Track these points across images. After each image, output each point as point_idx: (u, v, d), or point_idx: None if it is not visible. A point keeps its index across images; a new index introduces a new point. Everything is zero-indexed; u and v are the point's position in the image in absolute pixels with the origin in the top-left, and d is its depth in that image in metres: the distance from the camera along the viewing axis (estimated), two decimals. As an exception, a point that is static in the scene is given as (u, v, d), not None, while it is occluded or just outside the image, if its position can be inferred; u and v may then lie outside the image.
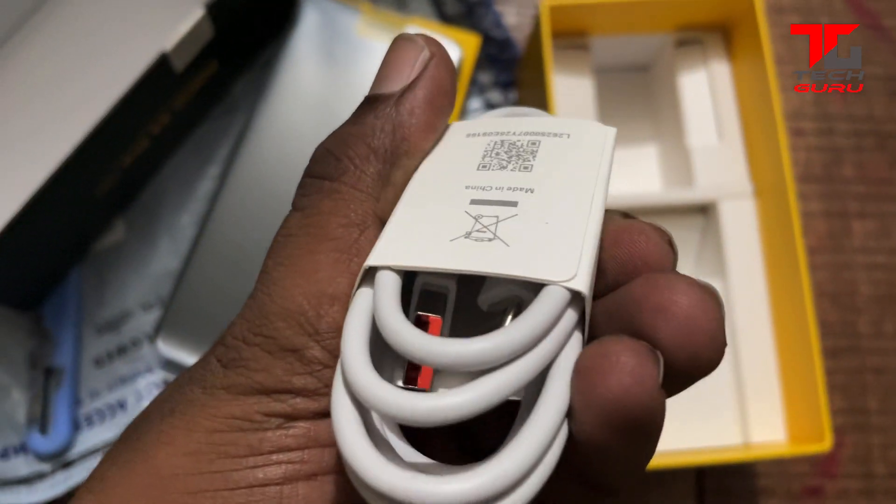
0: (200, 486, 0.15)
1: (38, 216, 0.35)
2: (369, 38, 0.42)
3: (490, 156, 0.18)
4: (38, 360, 0.41)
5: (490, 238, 0.15)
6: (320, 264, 0.16)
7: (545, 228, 0.16)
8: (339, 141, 0.18)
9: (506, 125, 0.18)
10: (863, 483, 0.42)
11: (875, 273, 0.44)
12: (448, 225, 0.16)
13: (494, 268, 0.15)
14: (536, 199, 0.16)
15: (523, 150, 0.17)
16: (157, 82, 0.36)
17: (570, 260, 0.15)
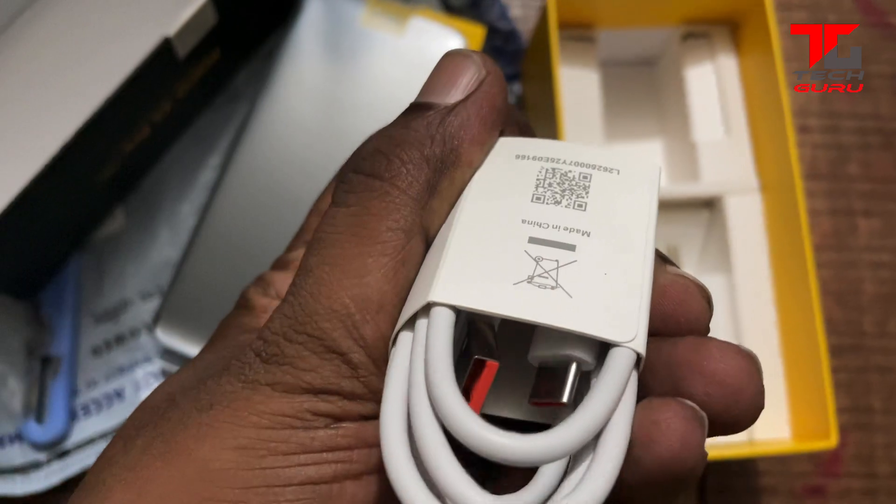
0: (250, 482, 0.15)
1: (36, 202, 0.34)
2: (373, 28, 0.42)
3: (543, 186, 0.18)
4: (35, 348, 0.40)
5: (553, 286, 0.16)
6: (368, 268, 0.16)
7: (605, 280, 0.16)
8: (391, 142, 0.18)
9: (555, 150, 0.18)
10: (866, 482, 0.42)
11: (880, 272, 0.44)
12: (509, 265, 0.16)
13: (561, 321, 0.15)
14: (594, 244, 0.17)
15: (576, 185, 0.18)
16: (160, 68, 0.35)
17: (631, 318, 0.15)
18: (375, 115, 0.41)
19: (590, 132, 0.39)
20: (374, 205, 0.17)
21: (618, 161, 0.18)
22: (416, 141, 0.17)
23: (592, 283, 0.16)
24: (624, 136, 0.43)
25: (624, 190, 0.17)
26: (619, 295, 0.16)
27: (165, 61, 0.36)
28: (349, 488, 0.16)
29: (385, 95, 0.41)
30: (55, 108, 0.34)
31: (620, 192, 0.17)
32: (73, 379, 0.40)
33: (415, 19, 0.42)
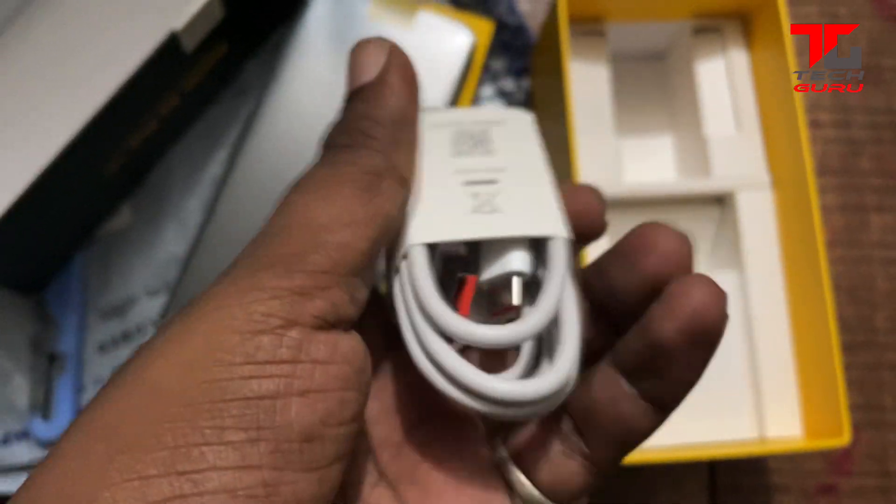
0: (196, 399, 0.15)
1: (43, 197, 0.34)
2: (381, 22, 0.42)
3: (459, 144, 0.22)
4: (41, 345, 0.40)
5: (491, 210, 0.20)
6: (341, 195, 0.18)
7: (526, 196, 0.20)
8: (343, 123, 0.21)
9: (455, 116, 0.23)
10: (879, 481, 0.41)
11: (892, 268, 0.44)
12: (458, 204, 0.20)
13: (508, 231, 0.20)
14: (509, 174, 0.21)
15: (480, 138, 0.22)
16: (167, 62, 0.35)
17: (555, 216, 0.20)
18: (383, 110, 0.41)
19: (600, 127, 0.39)
20: (344, 156, 0.19)
21: (501, 115, 0.23)
22: (362, 113, 0.20)
23: (518, 200, 0.20)
24: (634, 130, 0.42)
25: (514, 134, 0.23)
26: (541, 203, 0.20)
27: (172, 55, 0.35)
28: (294, 405, 0.16)
29: (393, 90, 0.41)
30: (62, 103, 0.34)
31: (512, 135, 0.23)
32: (79, 376, 0.40)
33: (423, 13, 0.42)
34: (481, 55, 0.42)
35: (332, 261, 0.17)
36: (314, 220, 0.18)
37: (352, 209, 0.18)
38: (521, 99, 0.44)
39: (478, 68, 0.42)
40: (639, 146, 0.42)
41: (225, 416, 0.15)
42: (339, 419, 0.16)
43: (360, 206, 0.18)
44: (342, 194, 0.18)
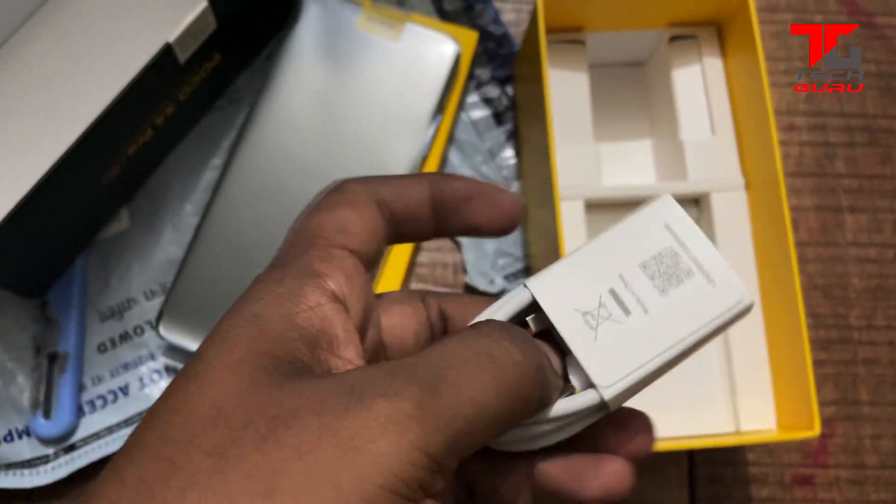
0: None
1: (43, 204, 0.35)
2: (370, 32, 0.43)
3: (655, 261, 0.21)
4: (42, 345, 0.42)
5: (593, 327, 0.21)
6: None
7: (626, 347, 0.21)
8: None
9: (690, 237, 0.22)
10: (853, 473, 0.43)
11: (866, 266, 0.45)
12: (584, 296, 0.21)
13: (576, 350, 0.21)
14: (645, 320, 0.21)
15: (676, 272, 0.21)
16: (162, 73, 0.37)
17: (618, 377, 0.20)
18: (371, 117, 0.42)
19: (580, 132, 0.41)
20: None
21: (722, 275, 0.21)
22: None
23: (617, 342, 0.21)
24: (614, 135, 0.44)
25: (705, 299, 0.21)
26: (625, 358, 0.20)
27: (167, 66, 0.37)
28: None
29: (381, 97, 0.42)
30: (61, 113, 0.35)
31: (699, 300, 0.21)
32: (79, 375, 0.41)
33: (410, 24, 0.43)
34: (466, 64, 0.44)
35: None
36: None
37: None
38: (504, 105, 0.45)
39: (463, 76, 0.44)
40: (618, 150, 0.44)
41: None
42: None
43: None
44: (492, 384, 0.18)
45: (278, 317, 0.18)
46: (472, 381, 0.17)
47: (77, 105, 0.35)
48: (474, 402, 0.17)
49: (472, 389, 0.17)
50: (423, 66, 0.43)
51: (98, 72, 0.36)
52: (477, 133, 0.45)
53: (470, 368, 0.17)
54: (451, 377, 0.17)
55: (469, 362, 0.17)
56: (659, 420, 0.38)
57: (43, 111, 0.36)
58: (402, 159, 0.42)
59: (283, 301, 0.18)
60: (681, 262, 0.21)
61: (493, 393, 0.17)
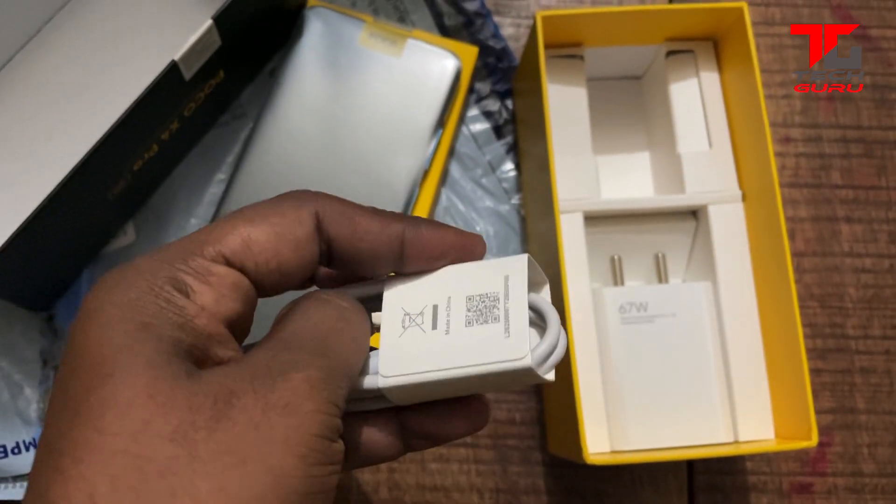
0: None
1: (51, 219, 0.36)
2: (372, 48, 0.44)
3: (479, 298, 0.23)
4: (49, 358, 0.42)
5: (405, 327, 0.24)
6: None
7: (416, 353, 0.23)
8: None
9: (514, 294, 0.23)
10: (851, 481, 0.43)
11: (862, 276, 0.45)
12: (414, 301, 0.24)
13: (382, 338, 0.24)
14: (442, 339, 0.23)
15: (485, 314, 0.23)
16: (168, 90, 0.37)
17: (397, 373, 0.23)
18: (373, 132, 0.43)
19: (579, 145, 0.41)
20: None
21: (518, 332, 0.23)
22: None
23: (413, 347, 0.23)
24: (612, 148, 0.44)
25: (492, 344, 0.23)
26: (410, 361, 0.23)
27: (173, 83, 0.37)
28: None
29: (382, 112, 0.43)
30: (69, 130, 0.36)
31: (490, 343, 0.23)
32: (86, 387, 0.42)
33: (411, 40, 0.44)
34: (466, 78, 0.45)
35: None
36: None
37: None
38: (505, 118, 0.46)
39: (463, 91, 0.45)
40: (617, 163, 0.44)
41: None
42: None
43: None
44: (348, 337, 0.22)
45: (166, 322, 0.19)
46: (344, 344, 0.22)
47: (85, 122, 0.36)
48: (348, 361, 0.21)
49: (346, 351, 0.21)
50: (424, 80, 0.43)
51: (105, 89, 0.37)
52: (477, 146, 0.46)
53: (341, 335, 0.22)
54: (333, 344, 0.21)
55: (339, 330, 0.22)
56: (658, 429, 0.39)
57: (51, 128, 0.37)
58: (403, 173, 0.43)
59: (163, 310, 0.19)
60: (496, 308, 0.23)
61: (354, 350, 0.22)
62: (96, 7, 0.38)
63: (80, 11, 0.39)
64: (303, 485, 0.18)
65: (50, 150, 0.36)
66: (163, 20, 0.38)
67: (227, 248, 0.21)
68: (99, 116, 0.36)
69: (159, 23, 0.38)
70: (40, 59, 0.38)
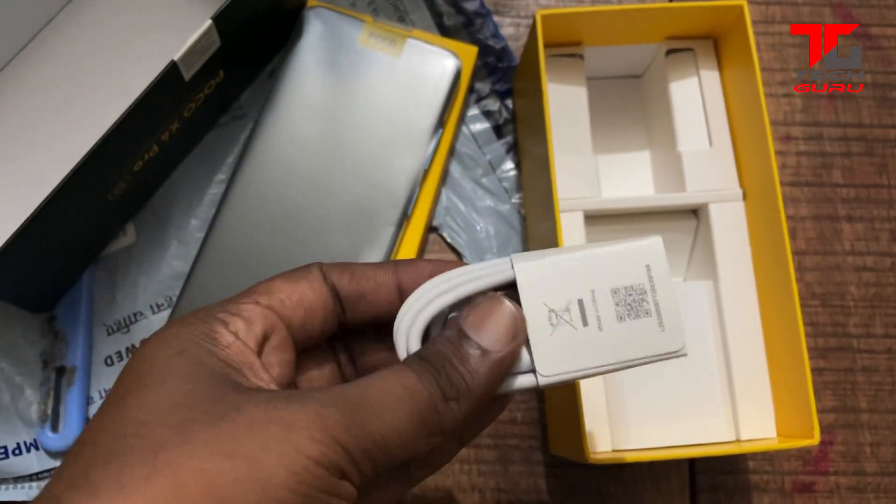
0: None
1: (51, 220, 0.36)
2: (371, 48, 0.44)
3: (625, 291, 0.24)
4: (50, 359, 0.42)
5: (553, 325, 0.24)
6: (406, 415, 0.23)
7: (572, 351, 0.24)
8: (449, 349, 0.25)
9: (660, 284, 0.24)
10: (854, 480, 0.43)
11: (864, 274, 0.45)
12: (555, 296, 0.24)
13: (532, 337, 0.24)
14: (596, 336, 0.24)
15: (636, 308, 0.24)
16: (167, 90, 0.37)
17: (556, 372, 0.24)
18: (373, 132, 0.43)
19: (579, 144, 0.41)
20: (426, 384, 0.23)
21: (673, 324, 0.24)
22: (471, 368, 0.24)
23: (566, 344, 0.24)
24: (613, 147, 0.44)
25: (649, 338, 0.24)
26: (566, 359, 0.24)
27: (172, 83, 0.37)
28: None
29: (382, 112, 0.43)
30: (69, 131, 0.36)
31: (646, 337, 0.24)
32: (87, 388, 0.42)
33: (411, 40, 0.44)
34: (466, 78, 0.45)
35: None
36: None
37: (402, 427, 0.22)
38: (504, 118, 0.46)
39: (463, 90, 0.44)
40: (617, 162, 0.44)
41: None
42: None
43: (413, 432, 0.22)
44: (406, 414, 0.22)
45: (202, 351, 0.22)
46: (391, 407, 0.22)
47: (85, 123, 0.36)
48: (391, 424, 0.22)
49: (390, 414, 0.22)
50: (424, 80, 0.43)
51: (105, 90, 0.37)
52: (477, 146, 0.46)
53: (393, 397, 0.22)
54: (374, 400, 0.22)
55: (394, 392, 0.22)
56: (660, 429, 0.39)
57: (51, 129, 0.37)
58: (404, 172, 0.42)
59: (199, 341, 0.23)
60: (644, 301, 0.24)
61: (406, 420, 0.22)
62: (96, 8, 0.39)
63: (80, 12, 0.39)
64: (290, 498, 0.19)
65: (50, 150, 0.36)
66: (162, 20, 0.38)
67: (258, 296, 0.25)
68: (99, 117, 0.36)
69: (159, 23, 0.38)
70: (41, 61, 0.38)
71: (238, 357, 0.23)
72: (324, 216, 0.42)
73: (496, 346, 0.23)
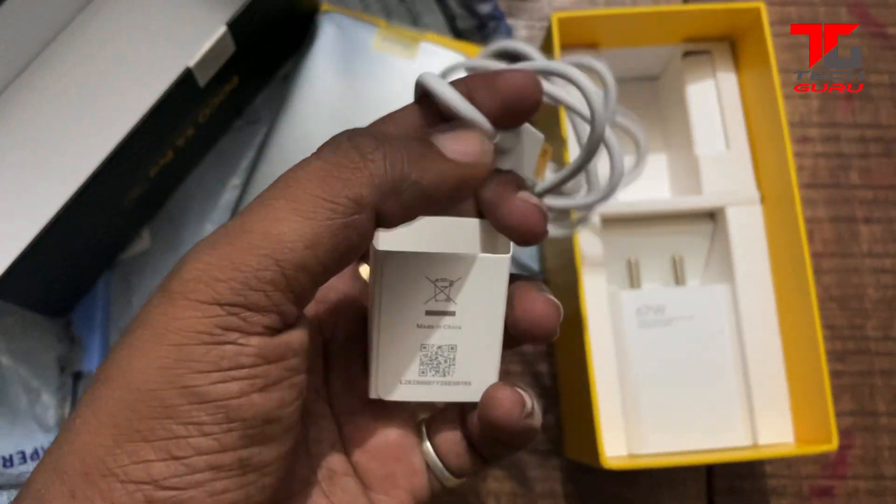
0: (174, 401, 0.18)
1: (68, 225, 0.36)
2: (384, 52, 0.44)
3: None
4: (67, 364, 0.42)
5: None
6: (316, 215, 0.19)
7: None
8: (387, 132, 0.22)
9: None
10: (872, 484, 0.43)
11: (882, 277, 0.45)
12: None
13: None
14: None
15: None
16: (182, 96, 0.37)
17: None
18: (388, 136, 0.43)
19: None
20: (344, 171, 0.19)
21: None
22: (404, 144, 0.20)
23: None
24: (628, 151, 0.44)
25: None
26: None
27: (187, 89, 0.37)
28: (255, 399, 0.19)
29: (397, 116, 0.43)
30: (87, 137, 0.36)
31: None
32: (103, 393, 0.42)
33: (424, 44, 0.44)
34: (481, 81, 0.44)
35: (286, 281, 0.19)
36: (278, 234, 0.19)
37: (319, 233, 0.19)
38: (520, 121, 0.46)
39: (478, 93, 0.44)
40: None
41: (202, 415, 0.18)
42: (291, 400, 0.20)
43: (328, 234, 0.19)
44: (317, 216, 0.19)
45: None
46: (282, 222, 0.19)
47: (101, 129, 0.36)
48: (277, 243, 0.19)
49: (280, 232, 0.19)
50: (438, 84, 0.43)
51: (121, 96, 0.37)
52: (492, 149, 0.46)
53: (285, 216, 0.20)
54: (263, 225, 0.19)
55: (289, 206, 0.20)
56: (676, 433, 0.39)
57: (68, 135, 0.37)
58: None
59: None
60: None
61: (300, 230, 0.19)
62: (111, 15, 0.39)
63: (94, 19, 0.39)
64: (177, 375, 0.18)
65: (67, 157, 0.36)
66: (177, 27, 0.38)
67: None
68: (115, 123, 0.36)
69: (174, 29, 0.38)
70: (56, 68, 0.38)
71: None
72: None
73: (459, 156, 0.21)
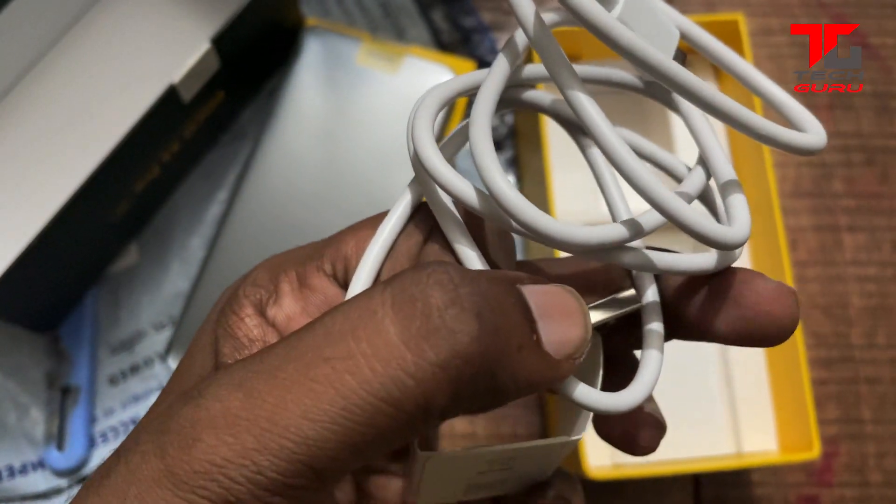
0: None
1: (55, 241, 0.36)
2: (369, 66, 0.44)
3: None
4: (55, 379, 0.42)
5: None
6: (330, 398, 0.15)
7: None
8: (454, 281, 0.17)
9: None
10: (858, 491, 0.43)
11: (866, 285, 0.45)
12: None
13: None
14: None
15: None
16: (167, 112, 0.38)
17: None
18: (372, 149, 0.43)
19: (576, 159, 0.41)
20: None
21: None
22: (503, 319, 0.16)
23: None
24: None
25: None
26: None
27: (172, 106, 0.38)
28: None
29: (381, 130, 0.43)
30: (71, 153, 0.36)
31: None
32: (91, 408, 0.42)
33: (408, 57, 0.44)
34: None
35: (318, 477, 0.15)
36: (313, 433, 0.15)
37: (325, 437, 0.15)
38: (503, 133, 0.46)
39: (461, 106, 0.45)
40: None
41: None
42: None
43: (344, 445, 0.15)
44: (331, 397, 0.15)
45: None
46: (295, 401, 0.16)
47: (86, 145, 0.36)
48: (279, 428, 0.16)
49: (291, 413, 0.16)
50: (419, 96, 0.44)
51: (105, 113, 0.37)
52: (477, 161, 0.46)
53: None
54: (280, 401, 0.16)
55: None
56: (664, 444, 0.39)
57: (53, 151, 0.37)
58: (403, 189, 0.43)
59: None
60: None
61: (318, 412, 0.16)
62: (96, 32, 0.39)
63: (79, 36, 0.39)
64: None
65: (52, 173, 0.36)
66: (161, 43, 0.39)
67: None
68: (99, 139, 0.36)
69: (158, 46, 0.39)
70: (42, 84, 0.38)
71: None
72: (324, 233, 0.42)
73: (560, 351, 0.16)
